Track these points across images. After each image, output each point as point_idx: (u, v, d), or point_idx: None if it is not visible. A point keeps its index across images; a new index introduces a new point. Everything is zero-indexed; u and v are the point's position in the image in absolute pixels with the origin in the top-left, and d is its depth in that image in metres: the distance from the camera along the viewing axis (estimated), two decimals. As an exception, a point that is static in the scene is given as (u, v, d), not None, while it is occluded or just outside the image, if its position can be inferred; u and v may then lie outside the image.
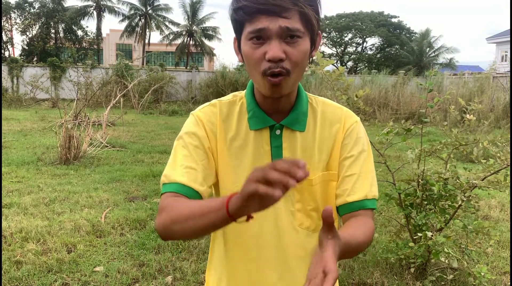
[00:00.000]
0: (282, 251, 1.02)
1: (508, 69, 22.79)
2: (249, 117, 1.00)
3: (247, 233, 1.02)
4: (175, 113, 14.64)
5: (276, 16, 0.85)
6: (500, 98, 12.30)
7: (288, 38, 0.87)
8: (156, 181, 5.24)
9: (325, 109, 1.05)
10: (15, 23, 31.04)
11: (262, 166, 0.63)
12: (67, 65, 18.65)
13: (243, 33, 0.91)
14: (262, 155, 0.99)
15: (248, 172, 0.94)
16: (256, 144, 0.99)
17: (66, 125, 6.14)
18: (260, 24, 0.86)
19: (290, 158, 0.64)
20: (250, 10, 0.86)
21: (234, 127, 1.01)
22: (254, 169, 0.64)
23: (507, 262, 3.14)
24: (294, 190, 0.99)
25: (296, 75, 0.92)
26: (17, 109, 14.26)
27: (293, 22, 0.86)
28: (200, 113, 1.02)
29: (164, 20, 37.30)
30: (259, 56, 0.89)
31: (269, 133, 0.99)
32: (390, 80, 16.79)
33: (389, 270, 2.93)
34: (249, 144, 1.00)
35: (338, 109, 1.06)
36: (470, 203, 2.56)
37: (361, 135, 1.03)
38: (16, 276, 2.73)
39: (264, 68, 0.88)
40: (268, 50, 0.87)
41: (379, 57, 41.62)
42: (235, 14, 0.91)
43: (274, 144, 0.99)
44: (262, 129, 0.99)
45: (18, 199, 4.28)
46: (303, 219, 1.02)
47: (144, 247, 3.24)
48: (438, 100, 2.73)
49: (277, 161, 0.62)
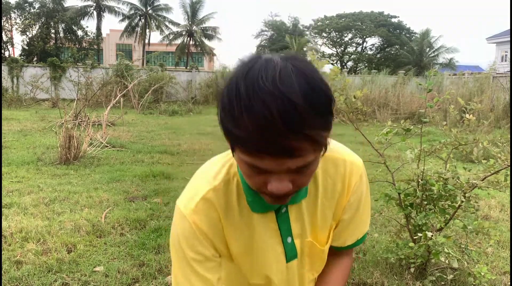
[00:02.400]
0: None
1: (508, 69, 22.79)
2: (248, 201, 0.89)
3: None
4: (175, 113, 14.63)
5: (284, 157, 0.69)
6: (500, 98, 12.30)
7: (298, 170, 0.73)
8: (156, 181, 5.24)
9: (326, 165, 0.92)
10: (15, 23, 31.05)
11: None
12: (67, 65, 18.66)
13: (236, 151, 0.74)
14: (270, 234, 0.93)
15: (259, 254, 0.93)
16: (262, 224, 0.92)
17: (66, 125, 6.15)
18: (262, 164, 0.71)
19: None
20: (250, 146, 0.69)
21: (236, 214, 0.90)
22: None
23: (507, 262, 3.14)
24: (306, 255, 0.99)
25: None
26: (17, 109, 14.26)
27: (305, 158, 0.71)
28: (196, 217, 0.87)
29: (164, 20, 37.33)
30: (259, 183, 0.76)
31: (274, 214, 0.92)
32: (390, 80, 16.81)
33: (389, 270, 2.93)
34: (255, 226, 0.92)
35: (340, 162, 0.93)
36: (470, 203, 2.56)
37: (364, 187, 0.97)
38: (16, 276, 2.73)
39: (264, 191, 0.77)
40: (272, 183, 0.73)
41: (379, 57, 41.64)
42: (227, 134, 0.72)
43: (282, 222, 0.92)
44: (268, 211, 0.91)
45: (18, 199, 4.28)
46: (312, 277, 1.04)
47: (144, 247, 3.24)
48: (438, 100, 2.73)
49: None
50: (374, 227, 3.83)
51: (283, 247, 0.95)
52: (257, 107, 0.65)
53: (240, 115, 0.66)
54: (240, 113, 0.66)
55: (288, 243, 0.95)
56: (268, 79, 0.66)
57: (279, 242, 0.94)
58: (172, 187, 4.95)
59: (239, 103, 0.67)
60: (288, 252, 0.95)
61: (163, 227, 3.63)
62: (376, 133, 2.77)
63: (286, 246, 0.95)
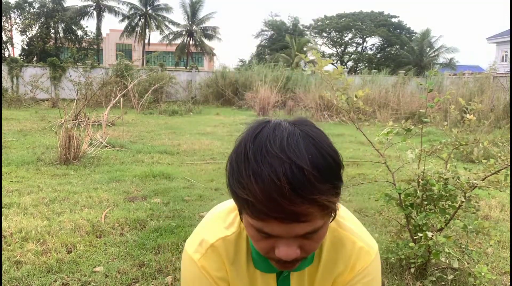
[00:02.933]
0: None
1: (508, 69, 22.79)
2: (253, 257, 0.90)
3: None
4: (175, 113, 14.63)
5: (292, 223, 0.69)
6: (500, 98, 12.30)
7: (306, 235, 0.73)
8: (156, 181, 5.24)
9: (334, 240, 0.90)
10: (15, 23, 31.05)
11: None
12: (67, 65, 18.65)
13: (244, 214, 0.74)
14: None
15: None
16: (263, 282, 0.91)
17: (66, 125, 6.14)
18: (271, 230, 0.71)
19: None
20: (258, 211, 0.69)
21: (243, 267, 0.91)
22: None
23: (507, 262, 3.13)
24: None
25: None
26: (17, 109, 14.26)
27: (313, 224, 0.71)
28: (204, 262, 0.89)
29: (164, 20, 37.34)
30: (266, 247, 0.75)
31: (275, 277, 0.91)
32: (390, 80, 16.81)
33: (389, 270, 2.93)
34: (256, 281, 0.91)
35: (349, 243, 0.90)
36: (470, 203, 2.56)
37: (373, 277, 0.92)
38: (16, 276, 2.72)
39: (271, 257, 0.76)
40: (279, 248, 0.73)
41: (379, 57, 41.65)
42: (235, 198, 0.73)
43: (281, 285, 0.91)
44: (269, 273, 0.91)
45: (18, 199, 4.27)
46: None
47: (144, 247, 3.24)
48: (438, 100, 2.73)
49: None
50: (374, 227, 3.82)
51: None
52: (265, 172, 0.66)
53: (248, 180, 0.67)
54: (248, 177, 0.67)
55: None
56: (276, 143, 0.67)
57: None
58: (172, 187, 4.95)
59: (247, 167, 0.68)
60: None
61: (163, 227, 3.62)
62: (377, 133, 2.77)
63: None
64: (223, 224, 0.91)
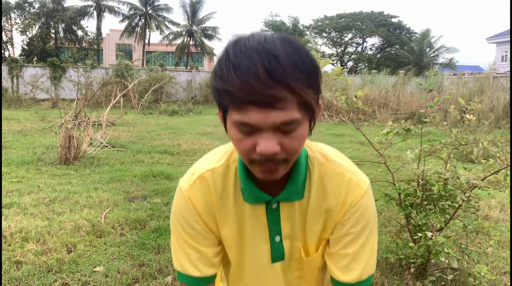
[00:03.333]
0: None
1: (508, 69, 22.79)
2: (242, 189, 0.90)
3: None
4: (175, 113, 14.63)
5: (269, 109, 0.71)
6: (500, 98, 12.30)
7: (284, 127, 0.74)
8: (156, 181, 5.24)
9: (324, 174, 0.90)
10: (15, 23, 31.05)
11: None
12: (67, 65, 18.66)
13: (228, 115, 0.77)
14: (259, 228, 0.93)
15: (246, 247, 0.94)
16: (252, 216, 0.92)
17: (66, 125, 6.14)
18: (249, 118, 0.72)
19: None
20: (237, 99, 0.72)
21: (231, 201, 0.92)
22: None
23: (507, 262, 3.14)
24: (295, 260, 0.96)
25: (294, 159, 0.80)
26: (17, 109, 14.26)
27: (289, 113, 0.72)
28: (191, 193, 0.91)
29: (164, 20, 37.32)
30: (247, 147, 0.76)
31: (264, 208, 0.91)
32: (390, 80, 16.80)
33: (389, 270, 2.93)
34: (245, 217, 0.92)
35: (339, 177, 0.91)
36: (470, 203, 2.56)
37: (365, 209, 0.92)
38: (16, 276, 2.72)
39: (253, 158, 0.77)
40: (259, 143, 0.74)
41: (379, 57, 41.64)
42: (218, 95, 0.76)
43: (271, 218, 0.91)
44: (257, 204, 0.91)
45: (18, 199, 4.27)
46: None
47: (144, 247, 3.24)
48: (438, 100, 2.73)
49: None
50: (374, 227, 3.82)
51: (270, 245, 0.93)
52: (243, 63, 0.70)
53: (228, 72, 0.72)
54: (228, 70, 0.72)
55: (276, 242, 0.93)
56: (254, 41, 0.73)
57: (267, 239, 0.93)
58: (172, 187, 4.95)
59: (227, 63, 0.72)
60: (274, 251, 0.93)
61: (163, 227, 3.62)
62: (377, 133, 2.77)
63: (273, 244, 0.93)
64: (214, 159, 0.94)
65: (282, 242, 0.93)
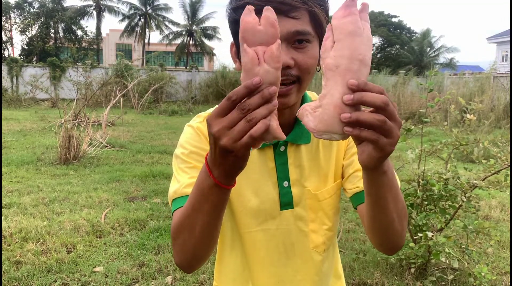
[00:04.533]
0: (294, 274, 0.95)
1: (508, 69, 22.79)
2: None
3: (253, 256, 0.95)
4: (175, 113, 14.63)
5: (283, 16, 0.76)
6: (500, 98, 12.30)
7: (296, 43, 0.78)
8: (156, 181, 5.24)
9: None
10: (15, 23, 31.07)
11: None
12: (67, 64, 18.65)
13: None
14: (267, 173, 0.92)
15: (254, 194, 0.92)
16: (260, 161, 0.92)
17: (65, 125, 6.14)
18: None
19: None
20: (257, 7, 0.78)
21: None
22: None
23: (507, 262, 3.13)
24: (307, 208, 0.94)
25: (306, 83, 0.82)
26: (17, 109, 14.25)
27: (302, 23, 0.77)
28: (201, 125, 0.93)
29: (164, 20, 37.31)
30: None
31: (272, 151, 0.92)
32: (390, 80, 16.80)
33: (390, 270, 2.93)
34: (253, 161, 0.92)
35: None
36: (470, 203, 2.55)
37: None
38: (15, 276, 2.72)
39: None
40: None
41: (379, 57, 41.64)
42: (234, 14, 0.80)
43: (279, 162, 0.92)
44: (265, 147, 0.92)
45: (18, 199, 4.27)
46: (318, 241, 0.95)
47: (144, 247, 3.24)
48: (438, 100, 2.73)
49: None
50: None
51: (278, 191, 0.92)
52: None
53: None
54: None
55: (284, 187, 0.92)
56: None
57: (275, 184, 0.92)
58: (172, 187, 4.94)
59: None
60: (283, 197, 0.92)
61: (163, 227, 3.62)
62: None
63: (282, 189, 0.92)
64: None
65: (290, 188, 0.93)
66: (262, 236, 0.94)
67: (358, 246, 3.38)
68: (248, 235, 0.95)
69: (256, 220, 0.94)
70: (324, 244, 0.96)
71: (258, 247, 0.94)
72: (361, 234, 3.65)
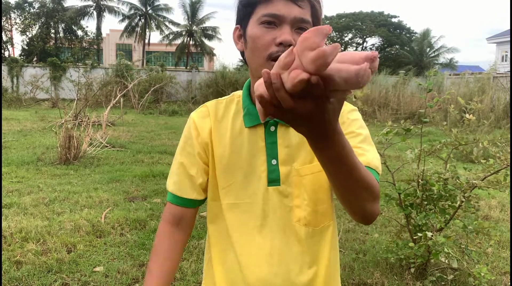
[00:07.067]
0: (280, 247, 0.99)
1: (508, 69, 22.79)
2: (243, 114, 1.00)
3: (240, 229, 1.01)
4: (175, 113, 14.63)
5: (292, 3, 0.87)
6: (500, 98, 12.30)
7: (298, 29, 0.88)
8: (156, 181, 5.24)
9: None
10: (15, 23, 31.05)
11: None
12: (67, 65, 18.65)
13: (253, 16, 0.91)
14: (257, 151, 0.98)
15: (244, 170, 0.99)
16: (251, 141, 0.99)
17: (66, 125, 6.14)
18: (277, 9, 0.87)
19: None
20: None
21: (229, 126, 1.01)
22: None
23: (507, 262, 3.13)
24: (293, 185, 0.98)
25: None
26: (17, 109, 14.26)
27: (305, 13, 0.88)
28: (196, 116, 1.05)
29: (164, 20, 37.30)
30: (268, 40, 0.88)
31: (263, 130, 0.98)
32: (390, 80, 16.79)
33: (389, 270, 2.93)
34: (244, 141, 0.99)
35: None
36: (470, 203, 2.56)
37: (356, 117, 1.00)
38: (16, 276, 2.72)
39: (271, 51, 0.88)
40: (280, 34, 0.87)
41: (379, 57, 41.64)
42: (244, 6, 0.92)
43: (269, 141, 0.98)
44: (257, 126, 0.99)
45: (18, 199, 4.27)
46: (300, 215, 0.98)
47: (144, 247, 3.24)
48: (438, 100, 2.73)
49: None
50: (374, 227, 3.82)
51: (266, 167, 0.98)
52: None
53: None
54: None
55: (273, 164, 0.98)
56: None
57: (263, 161, 0.98)
58: (172, 187, 4.95)
59: None
60: (270, 174, 0.98)
61: (163, 227, 3.62)
62: (377, 133, 2.77)
63: (270, 167, 0.98)
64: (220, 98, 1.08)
65: (278, 166, 0.98)
66: (248, 208, 1.00)
67: (358, 246, 3.39)
68: (235, 207, 1.01)
69: (243, 193, 1.00)
70: (305, 218, 0.99)
71: (245, 219, 1.00)
72: (361, 234, 3.65)
